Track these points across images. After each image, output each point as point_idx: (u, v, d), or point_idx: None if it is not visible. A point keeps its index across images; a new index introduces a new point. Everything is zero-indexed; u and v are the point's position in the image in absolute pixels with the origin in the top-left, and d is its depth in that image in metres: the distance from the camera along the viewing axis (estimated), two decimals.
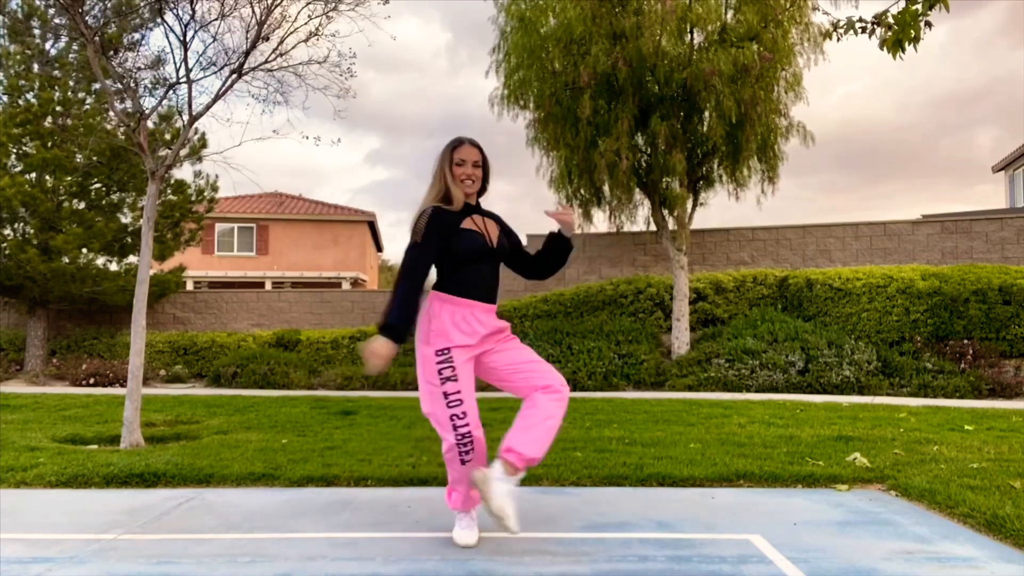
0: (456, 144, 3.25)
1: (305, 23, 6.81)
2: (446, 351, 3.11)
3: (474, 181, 3.23)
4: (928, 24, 4.11)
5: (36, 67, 14.76)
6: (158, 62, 9.61)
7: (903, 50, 4.16)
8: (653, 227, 14.05)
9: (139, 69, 7.91)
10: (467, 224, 3.19)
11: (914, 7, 4.05)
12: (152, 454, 5.33)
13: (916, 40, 4.10)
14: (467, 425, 3.08)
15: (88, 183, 14.83)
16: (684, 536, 3.32)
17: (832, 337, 11.86)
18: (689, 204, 13.39)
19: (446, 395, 3.07)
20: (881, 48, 4.18)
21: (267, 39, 6.67)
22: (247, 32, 6.64)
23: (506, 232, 3.38)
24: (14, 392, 11.32)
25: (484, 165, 3.27)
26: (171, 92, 7.01)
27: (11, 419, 7.74)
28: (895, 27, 4.12)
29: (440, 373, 3.10)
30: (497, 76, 13.44)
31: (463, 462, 3.10)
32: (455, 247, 3.14)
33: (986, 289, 11.52)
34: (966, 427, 6.79)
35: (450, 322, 3.14)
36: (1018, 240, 14.39)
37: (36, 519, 3.72)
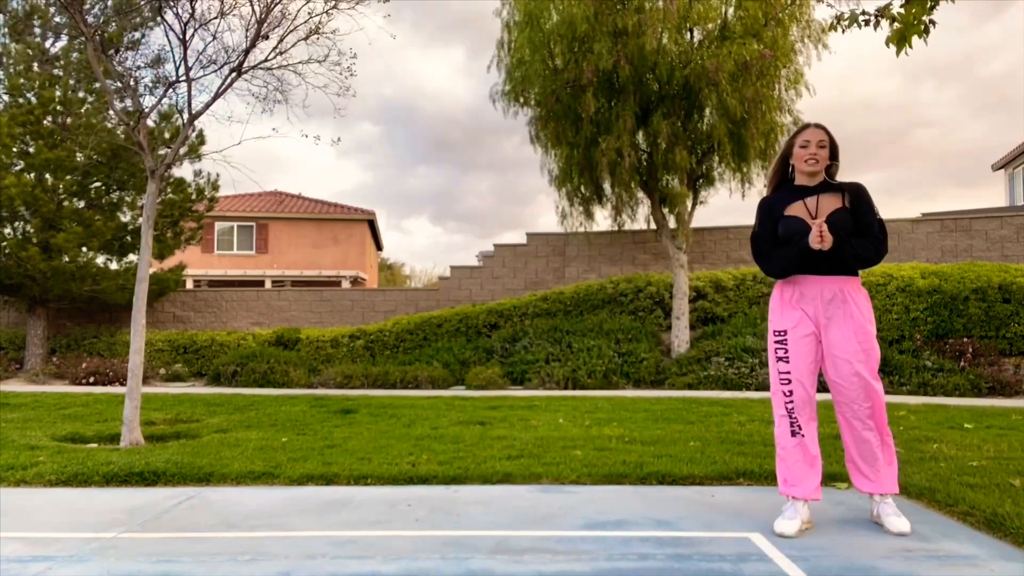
0: (801, 128, 3.52)
1: (305, 21, 6.81)
2: (780, 332, 3.40)
3: (818, 161, 3.41)
4: (932, 22, 4.12)
5: (36, 66, 14.75)
6: (158, 61, 9.60)
7: (910, 45, 4.16)
8: (653, 225, 14.05)
9: (139, 68, 7.90)
10: (790, 210, 3.43)
11: (917, 5, 4.05)
12: (152, 453, 5.34)
13: (926, 32, 4.10)
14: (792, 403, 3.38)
15: (88, 182, 14.83)
16: (684, 534, 3.33)
17: None
18: (689, 202, 13.39)
19: (778, 373, 3.41)
20: (887, 45, 4.18)
21: (267, 37, 6.66)
22: (247, 30, 6.64)
23: (853, 209, 3.41)
24: (14, 391, 11.32)
25: (831, 144, 3.45)
26: (171, 91, 7.01)
27: (11, 418, 7.74)
28: (899, 24, 4.12)
29: (775, 353, 3.42)
30: (499, 72, 13.45)
31: (792, 433, 3.36)
32: (779, 233, 3.43)
33: (986, 287, 11.53)
34: (966, 425, 6.79)
35: (779, 299, 3.46)
36: (1018, 238, 14.39)
37: (36, 518, 3.72)
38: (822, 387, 3.51)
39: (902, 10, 4.15)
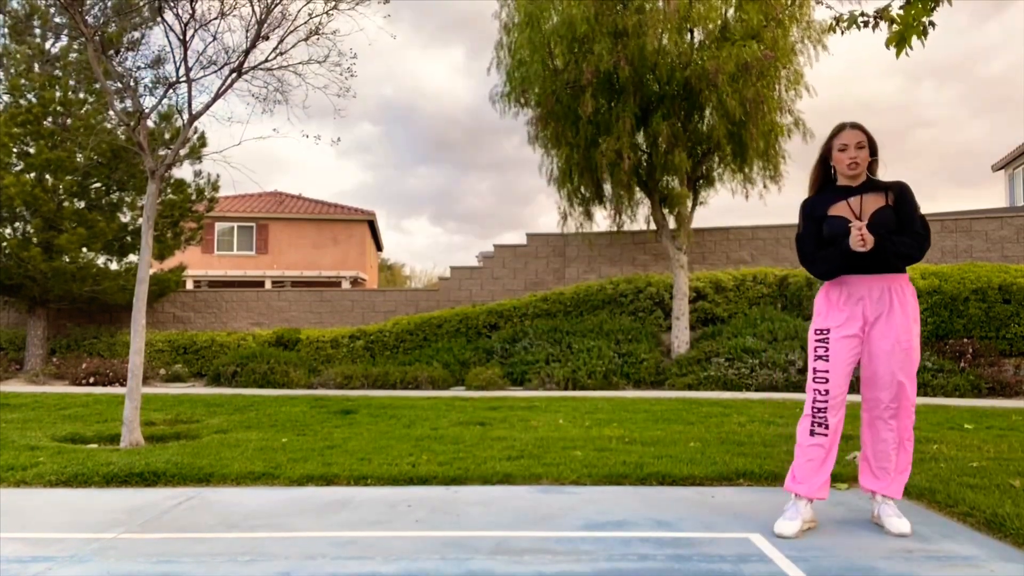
0: (837, 130, 3.48)
1: (305, 22, 6.81)
2: (822, 331, 3.39)
3: (859, 163, 3.41)
4: (932, 23, 4.12)
5: (36, 67, 14.76)
6: (158, 61, 9.62)
7: (909, 46, 4.16)
8: (653, 226, 14.05)
9: (139, 68, 7.90)
10: (834, 210, 3.43)
11: (916, 6, 4.05)
12: (152, 453, 5.34)
13: (924, 34, 4.11)
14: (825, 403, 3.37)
15: (88, 183, 14.84)
16: (684, 535, 3.33)
17: None
18: (689, 203, 13.39)
19: (814, 371, 3.41)
20: (887, 47, 4.19)
21: (267, 38, 6.66)
22: (247, 31, 6.64)
23: (896, 207, 3.40)
24: (14, 391, 11.32)
25: (869, 143, 3.44)
26: (171, 91, 7.01)
27: (11, 418, 7.74)
28: (898, 25, 4.12)
29: (814, 351, 3.42)
30: (499, 73, 13.45)
31: (811, 432, 3.38)
32: (823, 233, 3.43)
33: (986, 288, 11.53)
34: (966, 426, 6.79)
35: (824, 300, 3.46)
36: (1018, 239, 14.39)
37: (36, 518, 3.72)
38: (853, 386, 3.50)
39: (901, 12, 4.16)
